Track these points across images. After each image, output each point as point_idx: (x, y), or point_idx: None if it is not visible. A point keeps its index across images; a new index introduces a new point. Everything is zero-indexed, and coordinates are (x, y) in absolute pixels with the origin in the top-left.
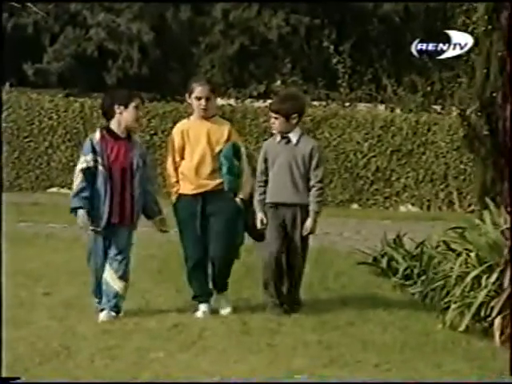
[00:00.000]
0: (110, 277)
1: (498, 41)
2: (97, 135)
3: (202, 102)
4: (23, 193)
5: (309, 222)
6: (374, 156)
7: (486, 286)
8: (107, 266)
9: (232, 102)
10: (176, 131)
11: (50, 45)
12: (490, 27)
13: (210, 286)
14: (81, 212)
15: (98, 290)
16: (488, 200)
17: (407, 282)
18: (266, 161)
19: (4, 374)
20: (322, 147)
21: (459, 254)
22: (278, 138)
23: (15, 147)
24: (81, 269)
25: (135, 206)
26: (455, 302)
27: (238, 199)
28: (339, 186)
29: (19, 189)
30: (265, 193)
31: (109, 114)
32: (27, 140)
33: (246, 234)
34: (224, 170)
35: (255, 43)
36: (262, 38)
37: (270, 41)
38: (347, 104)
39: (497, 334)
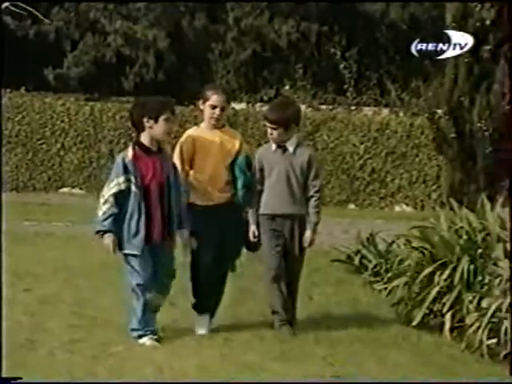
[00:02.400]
0: (157, 300)
1: None
2: (129, 153)
3: (217, 111)
4: (36, 193)
5: (309, 234)
6: (369, 158)
7: (438, 283)
8: (154, 290)
9: (243, 105)
10: (186, 139)
11: (71, 51)
12: None
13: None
14: (108, 235)
15: (142, 318)
16: (452, 200)
17: (376, 279)
18: (261, 170)
19: None
20: (317, 156)
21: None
22: (274, 146)
23: (29, 149)
24: (67, 266)
25: (175, 220)
26: (410, 298)
27: (247, 212)
28: (337, 187)
29: (33, 189)
30: (258, 202)
31: (139, 127)
32: (40, 142)
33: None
34: (240, 183)
35: (266, 50)
36: (273, 45)
37: (281, 47)
38: (353, 108)
39: (447, 329)
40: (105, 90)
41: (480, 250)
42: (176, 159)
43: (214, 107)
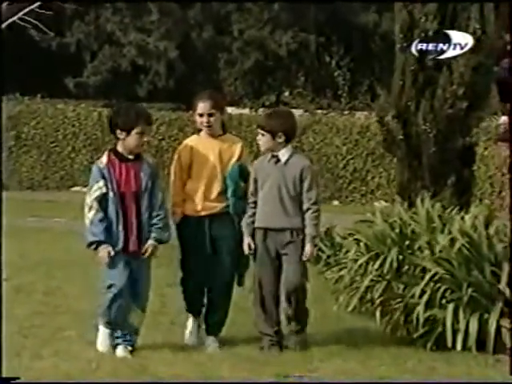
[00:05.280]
0: (132, 312)
1: (411, 56)
2: (103, 159)
3: (204, 118)
4: (50, 191)
5: (307, 248)
6: (351, 158)
7: (370, 272)
8: (132, 303)
9: (247, 111)
10: (184, 148)
11: (90, 61)
12: (404, 44)
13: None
14: (103, 247)
15: (113, 322)
16: (397, 196)
17: (327, 269)
18: (255, 181)
19: None
20: (313, 167)
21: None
22: (269, 156)
23: (43, 151)
24: (49, 258)
25: (152, 230)
26: (346, 287)
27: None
28: (321, 185)
29: (46, 188)
30: (254, 215)
31: (115, 136)
32: (53, 145)
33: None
34: (229, 192)
35: (268, 59)
36: (274, 54)
37: (281, 56)
38: (346, 112)
39: (378, 315)
40: (121, 97)
41: (408, 242)
42: (173, 169)
43: (201, 115)
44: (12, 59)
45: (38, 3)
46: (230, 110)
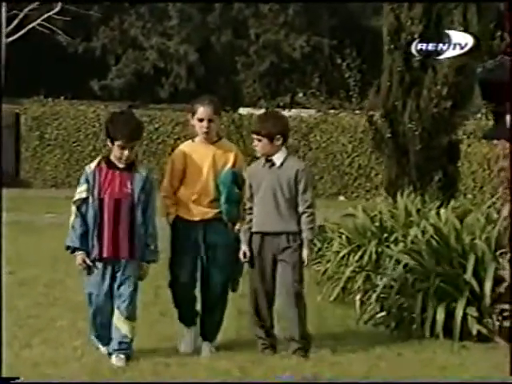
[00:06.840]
0: (117, 320)
1: (398, 58)
2: (92, 164)
3: (204, 123)
4: (72, 189)
5: (305, 252)
6: (357, 156)
7: (351, 264)
8: (115, 308)
9: (261, 112)
10: (178, 153)
11: (115, 64)
12: (392, 46)
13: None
14: (79, 254)
15: (100, 332)
16: (383, 191)
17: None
18: (250, 187)
19: None
20: (309, 169)
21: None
22: (263, 161)
23: (66, 151)
24: (57, 253)
25: (135, 239)
26: (329, 278)
27: (235, 229)
28: (328, 182)
29: (69, 185)
30: (251, 221)
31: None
32: (75, 144)
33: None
34: (222, 198)
35: (283, 61)
36: (288, 57)
37: (296, 59)
38: (357, 112)
39: (357, 305)
40: (144, 99)
41: (386, 235)
42: (166, 174)
43: (201, 120)
44: (40, 63)
45: (57, 10)
46: (245, 110)
